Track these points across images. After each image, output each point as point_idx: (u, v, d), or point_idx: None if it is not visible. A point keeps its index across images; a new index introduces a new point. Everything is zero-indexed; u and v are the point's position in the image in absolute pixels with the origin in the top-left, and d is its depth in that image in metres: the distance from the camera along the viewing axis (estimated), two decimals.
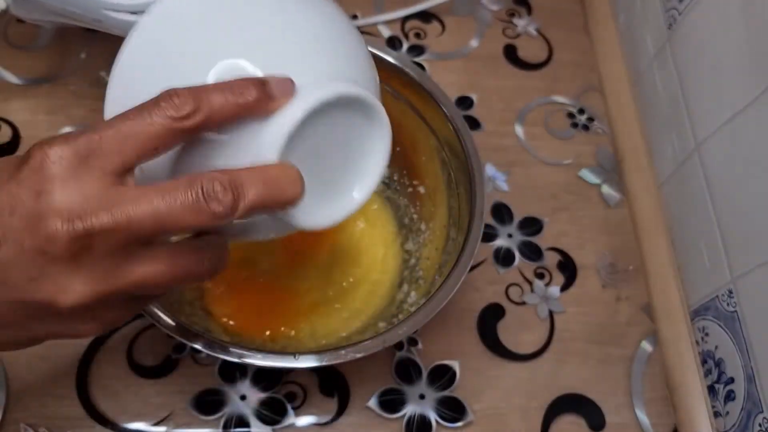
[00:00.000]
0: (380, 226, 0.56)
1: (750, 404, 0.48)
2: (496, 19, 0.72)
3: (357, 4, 0.69)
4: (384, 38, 0.68)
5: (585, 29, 0.73)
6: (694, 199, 0.56)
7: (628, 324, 0.57)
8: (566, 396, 0.53)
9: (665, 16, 0.61)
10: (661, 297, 0.58)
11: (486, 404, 0.52)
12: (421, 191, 0.55)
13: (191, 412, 0.48)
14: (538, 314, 0.56)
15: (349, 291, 0.53)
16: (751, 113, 0.49)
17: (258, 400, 0.49)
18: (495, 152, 0.63)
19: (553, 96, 0.68)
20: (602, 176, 0.64)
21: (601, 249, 0.60)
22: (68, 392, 0.48)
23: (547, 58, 0.70)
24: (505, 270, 0.58)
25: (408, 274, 0.53)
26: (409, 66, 0.52)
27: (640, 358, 0.55)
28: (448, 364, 0.52)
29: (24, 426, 0.46)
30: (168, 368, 0.49)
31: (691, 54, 0.57)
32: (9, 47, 0.60)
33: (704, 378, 0.54)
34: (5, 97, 0.58)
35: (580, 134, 0.66)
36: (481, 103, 0.66)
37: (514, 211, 0.60)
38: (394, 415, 0.50)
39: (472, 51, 0.69)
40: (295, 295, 0.52)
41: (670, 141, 0.60)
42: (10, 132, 0.56)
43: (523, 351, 0.54)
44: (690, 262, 0.57)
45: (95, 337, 0.49)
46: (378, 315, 0.52)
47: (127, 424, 0.47)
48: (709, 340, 0.54)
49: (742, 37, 0.50)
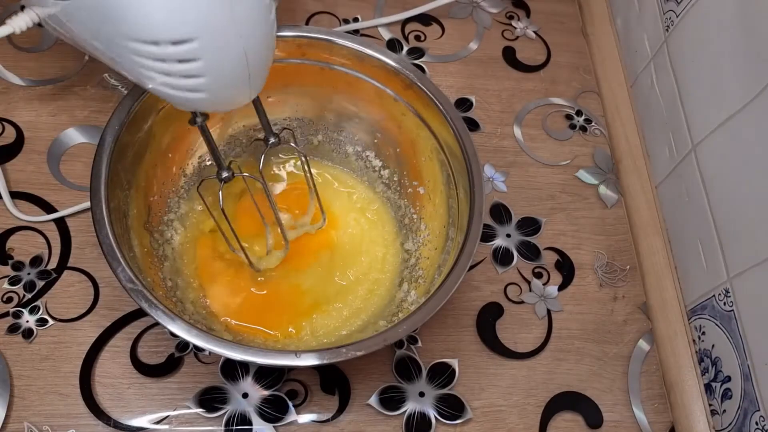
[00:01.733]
0: (380, 226, 0.57)
1: (747, 402, 0.49)
2: (495, 21, 0.72)
3: (358, 8, 0.70)
4: (384, 41, 0.69)
5: (583, 32, 0.73)
6: (690, 200, 0.57)
7: (625, 323, 0.57)
8: (564, 394, 0.53)
9: (662, 18, 0.62)
10: (658, 296, 0.58)
11: (485, 402, 0.52)
12: (420, 192, 0.56)
13: (194, 410, 0.48)
14: (537, 313, 0.57)
15: (349, 290, 0.53)
16: (748, 114, 0.50)
17: (260, 397, 0.49)
18: (494, 153, 0.64)
19: (551, 98, 0.68)
20: (599, 177, 0.64)
21: (598, 249, 0.60)
22: (72, 391, 0.48)
23: (545, 61, 0.71)
24: (503, 269, 0.58)
25: (408, 273, 0.54)
26: (409, 68, 0.52)
27: (637, 356, 0.56)
28: (448, 362, 0.53)
29: (28, 424, 0.47)
30: (171, 367, 0.50)
31: (688, 56, 0.58)
32: (13, 49, 0.61)
33: (701, 376, 0.55)
34: (9, 98, 0.58)
35: (578, 135, 0.66)
36: (480, 105, 0.66)
37: (513, 212, 0.61)
38: (394, 413, 0.50)
39: (471, 53, 0.70)
40: (296, 294, 0.53)
41: (667, 142, 0.61)
42: (14, 133, 0.57)
43: (522, 349, 0.55)
44: (687, 262, 0.58)
45: (98, 337, 0.50)
46: (378, 314, 0.52)
47: (130, 422, 0.48)
48: (706, 338, 0.54)
49: (739, 39, 0.51)
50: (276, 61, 0.52)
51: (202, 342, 0.41)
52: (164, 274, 0.50)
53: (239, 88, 0.41)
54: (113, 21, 0.37)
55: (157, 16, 0.36)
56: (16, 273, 0.51)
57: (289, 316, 0.51)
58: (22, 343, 0.49)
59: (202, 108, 0.43)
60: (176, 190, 0.54)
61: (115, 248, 0.43)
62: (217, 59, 0.38)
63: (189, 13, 0.36)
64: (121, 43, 0.38)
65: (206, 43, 0.37)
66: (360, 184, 0.59)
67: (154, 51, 0.37)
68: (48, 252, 0.52)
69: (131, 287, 0.42)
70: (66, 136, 0.58)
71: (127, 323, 0.51)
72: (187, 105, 0.42)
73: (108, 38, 0.39)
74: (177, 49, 0.37)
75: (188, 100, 0.41)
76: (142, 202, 0.50)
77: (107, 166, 0.45)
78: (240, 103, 0.43)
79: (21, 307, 0.50)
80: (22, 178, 0.55)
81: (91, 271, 0.52)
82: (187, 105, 0.42)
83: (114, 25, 0.37)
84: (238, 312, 0.51)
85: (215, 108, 0.44)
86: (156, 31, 0.37)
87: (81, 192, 0.55)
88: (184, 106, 0.42)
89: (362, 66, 0.53)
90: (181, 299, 0.50)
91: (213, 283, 0.52)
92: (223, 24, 0.37)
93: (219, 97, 0.41)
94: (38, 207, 0.54)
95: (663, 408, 0.54)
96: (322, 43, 0.52)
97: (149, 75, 0.39)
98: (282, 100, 0.56)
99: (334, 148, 0.59)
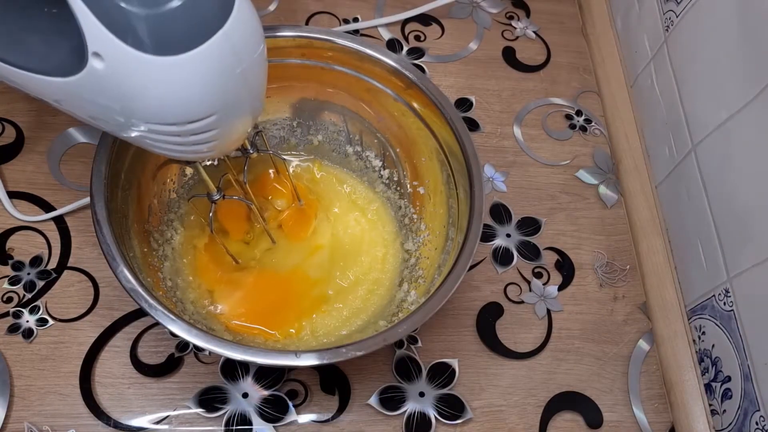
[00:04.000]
0: (380, 226, 0.57)
1: (747, 402, 0.49)
2: (494, 21, 0.72)
3: (358, 8, 0.70)
4: (384, 41, 0.69)
5: (582, 32, 0.73)
6: (690, 200, 0.57)
7: (625, 323, 0.57)
8: (564, 394, 0.53)
9: (662, 18, 0.62)
10: (658, 296, 0.58)
11: (485, 402, 0.52)
12: (420, 192, 0.56)
13: (194, 410, 0.48)
14: (537, 313, 0.57)
15: (349, 290, 0.53)
16: (747, 114, 0.50)
17: (260, 397, 0.49)
18: (494, 153, 0.64)
19: (551, 98, 0.68)
20: (599, 177, 0.64)
21: (598, 249, 0.60)
22: (72, 391, 0.48)
23: (545, 61, 0.71)
24: (503, 269, 0.58)
25: (408, 273, 0.54)
26: (409, 68, 0.52)
27: (637, 356, 0.56)
28: (448, 362, 0.53)
29: (28, 424, 0.47)
30: (171, 367, 0.50)
31: (688, 56, 0.58)
32: None
33: (701, 376, 0.55)
34: (10, 98, 0.58)
35: (578, 135, 0.66)
36: (480, 105, 0.66)
37: (513, 212, 0.61)
38: (394, 413, 0.50)
39: (471, 53, 0.70)
40: (296, 294, 0.53)
41: (667, 142, 0.61)
42: (14, 133, 0.57)
43: (522, 349, 0.55)
44: (686, 262, 0.58)
45: (98, 337, 0.50)
46: (378, 313, 0.52)
47: (130, 422, 0.48)
48: (706, 338, 0.54)
49: (738, 39, 0.51)
50: (276, 61, 0.52)
51: (202, 342, 0.41)
52: (164, 274, 0.50)
53: (247, 129, 0.41)
54: (120, 105, 0.34)
55: (177, 103, 0.34)
56: (16, 273, 0.51)
57: (289, 317, 0.51)
58: (22, 343, 0.49)
59: (205, 158, 0.42)
60: (176, 190, 0.54)
61: (115, 248, 0.43)
62: (231, 122, 0.37)
63: (211, 95, 0.34)
64: (130, 122, 0.36)
65: (223, 114, 0.36)
66: (360, 184, 0.59)
67: (171, 130, 0.35)
68: (48, 252, 0.53)
69: (131, 287, 0.42)
70: (66, 136, 0.58)
71: (127, 323, 0.51)
72: (191, 159, 0.41)
73: (113, 118, 0.36)
74: (195, 125, 0.35)
75: (195, 157, 0.40)
76: (142, 202, 0.50)
77: (107, 166, 0.45)
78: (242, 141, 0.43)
79: (21, 307, 0.50)
80: (22, 178, 0.55)
81: (91, 271, 0.52)
82: (191, 159, 0.41)
83: (121, 108, 0.35)
84: (238, 312, 0.51)
85: (219, 155, 0.43)
86: (175, 115, 0.35)
87: (81, 192, 0.55)
88: (185, 159, 0.42)
89: (362, 66, 0.53)
90: (181, 299, 0.50)
91: (213, 283, 0.52)
92: (240, 96, 0.37)
93: (226, 146, 0.41)
94: (38, 207, 0.54)
95: (663, 408, 0.54)
96: (322, 43, 0.52)
97: (159, 146, 0.37)
98: (282, 100, 0.56)
99: (334, 148, 0.59)
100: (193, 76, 0.33)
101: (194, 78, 0.33)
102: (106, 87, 0.33)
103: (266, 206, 0.55)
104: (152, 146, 0.38)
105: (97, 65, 0.32)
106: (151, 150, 0.39)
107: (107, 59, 0.32)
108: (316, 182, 0.58)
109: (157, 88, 0.33)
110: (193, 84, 0.33)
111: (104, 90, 0.34)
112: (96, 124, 0.38)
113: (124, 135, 0.38)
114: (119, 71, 0.32)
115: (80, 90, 0.35)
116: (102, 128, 0.39)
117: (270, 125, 0.57)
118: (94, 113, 0.37)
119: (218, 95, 0.35)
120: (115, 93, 0.34)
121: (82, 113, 0.38)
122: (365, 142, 0.58)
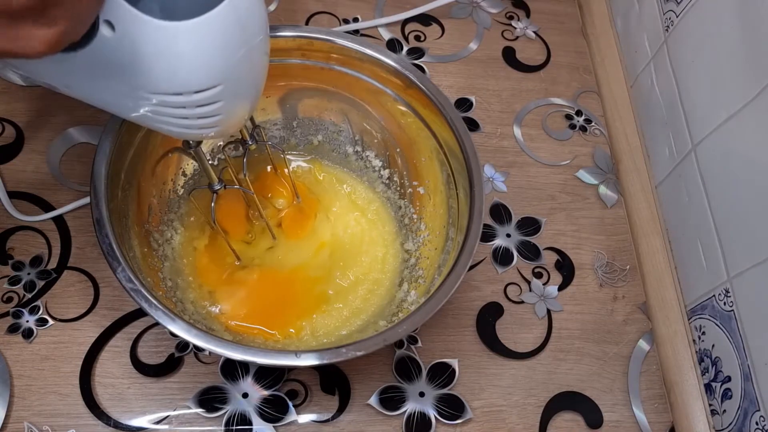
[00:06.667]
0: (380, 226, 0.57)
1: (747, 402, 0.49)
2: (494, 21, 0.72)
3: (358, 7, 0.70)
4: (384, 41, 0.69)
5: (582, 32, 0.73)
6: (690, 200, 0.57)
7: (625, 323, 0.57)
8: (564, 394, 0.53)
9: (662, 18, 0.62)
10: (658, 296, 0.58)
11: (485, 402, 0.52)
12: (420, 192, 0.56)
13: (194, 410, 0.48)
14: (537, 313, 0.57)
15: (349, 290, 0.53)
16: (747, 115, 0.50)
17: (260, 397, 0.49)
18: (494, 153, 0.64)
19: (550, 98, 0.68)
20: (599, 177, 0.64)
21: (598, 249, 0.60)
22: (72, 391, 0.48)
23: (545, 61, 0.71)
24: (503, 269, 0.58)
25: (408, 273, 0.54)
26: (409, 68, 0.52)
27: (637, 356, 0.56)
28: (448, 362, 0.53)
29: (28, 424, 0.47)
30: (171, 367, 0.50)
31: (688, 56, 0.58)
32: None
33: (701, 376, 0.55)
34: (9, 98, 0.58)
35: (578, 135, 0.66)
36: (480, 105, 0.66)
37: (513, 212, 0.61)
38: (394, 413, 0.50)
39: (471, 53, 0.70)
40: (296, 294, 0.53)
41: (667, 142, 0.61)
42: (14, 133, 0.57)
43: (522, 349, 0.55)
44: (686, 262, 0.58)
45: (98, 337, 0.50)
46: (378, 314, 0.52)
47: (130, 422, 0.48)
48: (706, 338, 0.54)
49: (738, 39, 0.51)
50: (276, 61, 0.52)
51: (202, 342, 0.41)
52: (164, 274, 0.50)
53: (247, 113, 0.41)
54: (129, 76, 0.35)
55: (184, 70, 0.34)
56: (16, 273, 0.51)
57: (289, 317, 0.51)
58: (22, 343, 0.49)
59: (206, 137, 0.43)
60: (176, 190, 0.54)
61: (115, 248, 0.43)
62: (235, 96, 0.38)
63: (217, 65, 0.35)
64: (134, 94, 0.36)
65: (228, 86, 0.36)
66: (360, 184, 0.59)
67: (176, 100, 0.36)
68: (48, 252, 0.53)
69: (131, 287, 0.42)
70: (66, 136, 0.58)
71: (127, 323, 0.51)
72: (193, 137, 0.42)
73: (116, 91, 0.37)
74: (201, 95, 0.36)
75: (198, 135, 0.40)
76: (142, 202, 0.50)
77: (107, 166, 0.45)
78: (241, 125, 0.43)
79: (21, 307, 0.50)
80: (22, 178, 0.55)
81: (91, 271, 0.52)
82: (193, 137, 0.42)
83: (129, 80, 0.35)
84: (238, 312, 0.51)
85: (219, 136, 0.43)
86: (183, 84, 0.35)
87: (81, 192, 0.55)
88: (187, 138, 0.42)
89: (362, 66, 0.53)
90: (181, 299, 0.50)
91: (214, 284, 0.52)
92: (244, 72, 0.37)
93: (227, 126, 0.41)
94: (38, 207, 0.54)
95: (663, 408, 0.54)
96: (322, 43, 0.52)
97: (163, 119, 0.37)
98: (282, 99, 0.56)
99: (334, 148, 0.59)
100: (202, 43, 0.34)
101: (202, 44, 0.34)
102: (115, 57, 0.34)
103: (266, 205, 0.55)
104: (158, 123, 0.38)
105: (107, 33, 0.33)
106: (157, 128, 0.39)
107: (117, 26, 0.32)
108: (316, 182, 0.58)
109: (165, 54, 0.34)
110: (201, 50, 0.34)
111: (113, 60, 0.34)
112: (103, 104, 0.39)
113: (132, 113, 0.38)
114: (129, 38, 0.33)
115: (90, 63, 0.35)
116: (109, 108, 0.39)
117: (270, 125, 0.57)
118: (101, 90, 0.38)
119: (224, 65, 0.35)
120: (124, 61, 0.34)
121: (91, 92, 0.38)
122: (365, 142, 0.58)
